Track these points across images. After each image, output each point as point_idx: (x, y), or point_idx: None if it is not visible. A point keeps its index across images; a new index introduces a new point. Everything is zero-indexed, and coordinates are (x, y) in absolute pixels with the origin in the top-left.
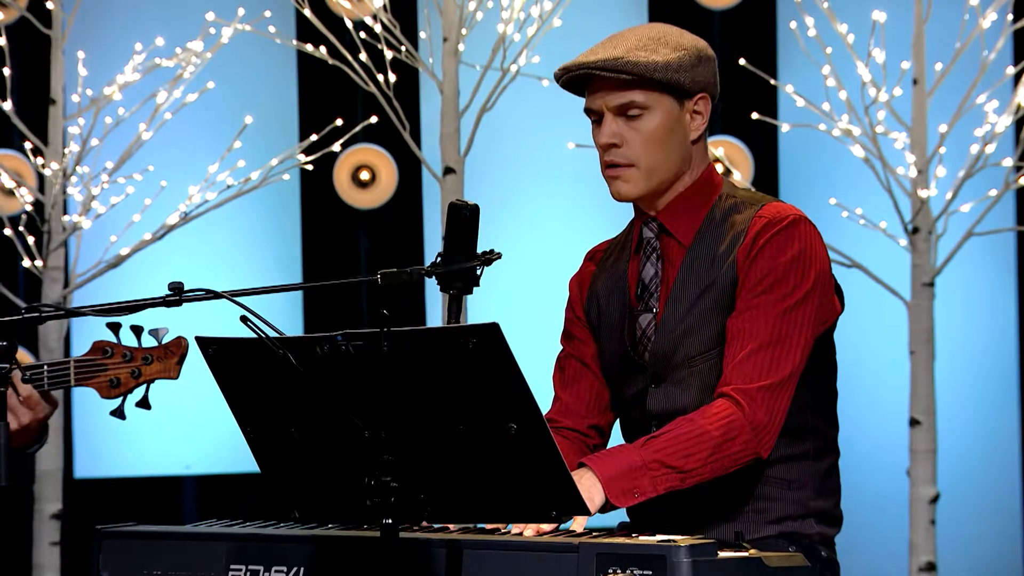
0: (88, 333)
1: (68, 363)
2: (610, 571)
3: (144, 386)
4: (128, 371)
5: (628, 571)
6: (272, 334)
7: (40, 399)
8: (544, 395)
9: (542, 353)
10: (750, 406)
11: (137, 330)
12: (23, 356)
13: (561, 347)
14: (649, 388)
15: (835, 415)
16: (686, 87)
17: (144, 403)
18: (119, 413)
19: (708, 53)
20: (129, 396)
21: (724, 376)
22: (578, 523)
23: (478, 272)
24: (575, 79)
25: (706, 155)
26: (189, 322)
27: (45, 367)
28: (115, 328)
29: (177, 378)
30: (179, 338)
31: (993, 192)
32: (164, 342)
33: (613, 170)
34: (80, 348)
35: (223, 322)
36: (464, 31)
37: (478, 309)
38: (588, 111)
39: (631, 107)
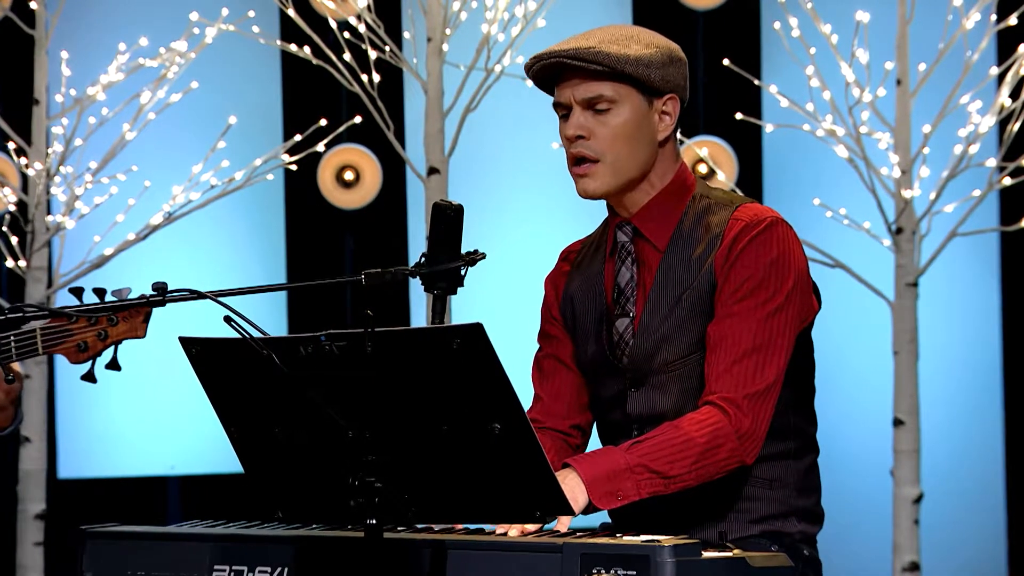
0: None
1: (34, 331)
2: (594, 571)
3: (112, 348)
4: (95, 334)
5: (612, 571)
6: (256, 334)
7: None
8: (528, 395)
9: (526, 353)
10: (736, 415)
11: (100, 292)
12: None
13: (539, 347)
14: (628, 391)
15: (814, 412)
16: (656, 85)
17: (114, 365)
18: (90, 377)
19: (680, 55)
20: (98, 359)
21: (708, 385)
22: (562, 523)
23: (462, 272)
24: (546, 68)
25: (677, 157)
26: (173, 322)
27: (12, 338)
28: (78, 293)
29: (144, 336)
30: (142, 297)
31: (976, 192)
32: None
33: (579, 167)
34: None
35: (207, 322)
36: (448, 31)
37: (462, 309)
38: (557, 105)
39: (600, 100)
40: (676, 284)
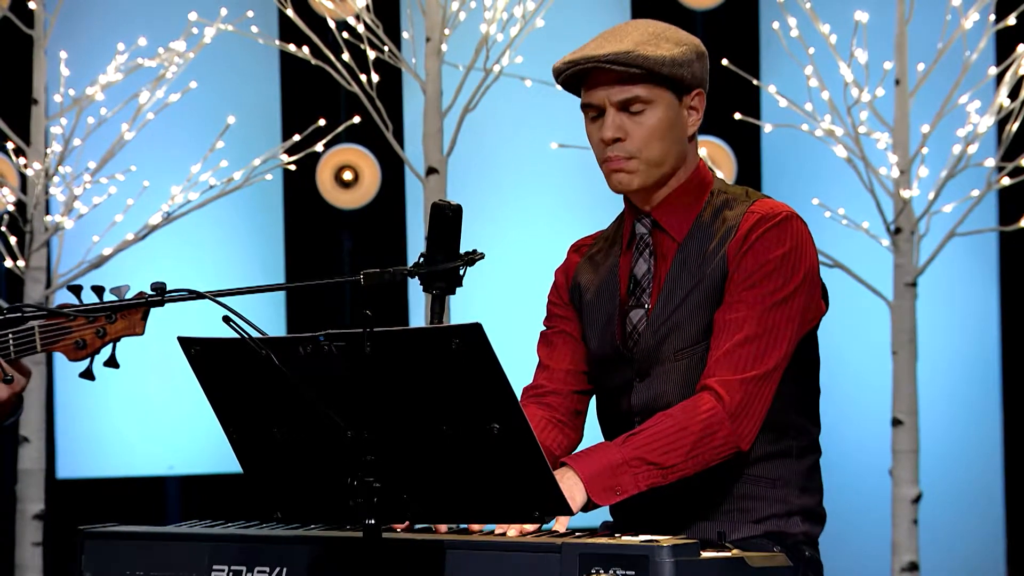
0: None
1: (33, 329)
2: (593, 571)
3: (110, 345)
4: (93, 331)
5: (611, 571)
6: (255, 334)
7: (15, 374)
8: None
9: (525, 353)
10: (730, 398)
11: (98, 290)
12: None
13: (547, 327)
14: (634, 382)
15: (817, 413)
16: (687, 82)
17: (112, 362)
18: (88, 374)
19: (703, 50)
20: (97, 356)
21: (708, 367)
22: (561, 523)
23: (461, 272)
24: (580, 73)
25: (697, 152)
26: (171, 322)
27: (10, 335)
28: (77, 290)
29: (143, 333)
30: (140, 293)
31: (975, 192)
32: (127, 299)
33: (614, 163)
34: None
35: (206, 322)
36: (447, 31)
37: (461, 309)
38: (587, 106)
39: (635, 102)
40: (691, 274)
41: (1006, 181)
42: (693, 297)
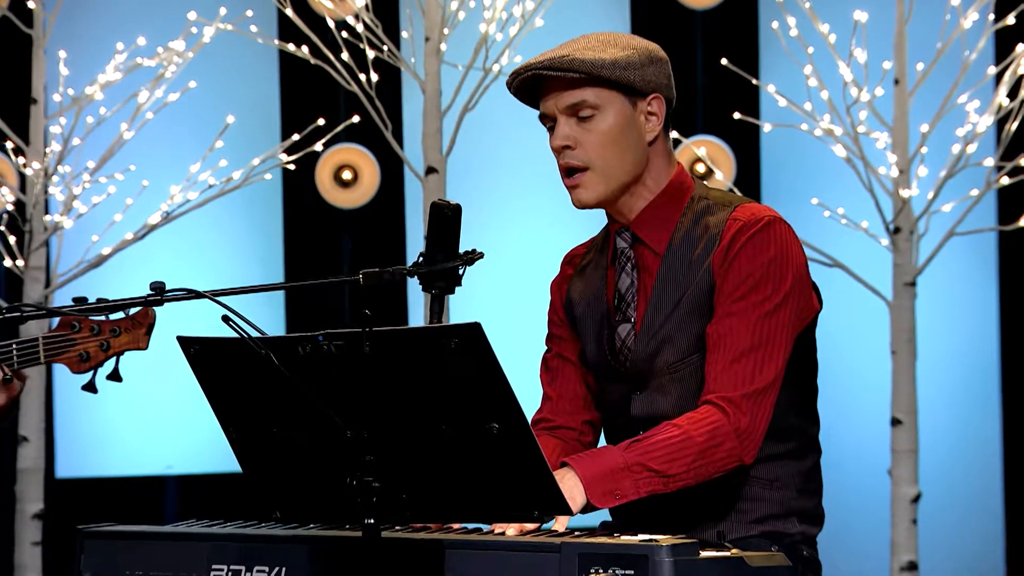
0: None
1: (37, 340)
2: (592, 571)
3: (114, 358)
4: (97, 344)
5: (610, 571)
6: (254, 334)
7: (13, 378)
8: (527, 394)
9: (525, 352)
10: (735, 414)
11: (103, 301)
12: None
13: (547, 348)
14: (632, 395)
15: (816, 413)
16: (637, 86)
17: (115, 376)
18: (91, 387)
19: (660, 55)
20: (100, 369)
21: (707, 384)
22: (560, 523)
23: (460, 272)
24: (526, 82)
25: (671, 158)
26: (171, 322)
27: (14, 345)
28: (81, 303)
29: (146, 348)
30: (145, 308)
31: (974, 192)
32: (131, 313)
33: (570, 178)
34: None
35: (205, 322)
36: (446, 31)
37: (460, 309)
38: (543, 118)
39: (582, 107)
40: (677, 285)
41: (1005, 181)
42: (681, 308)
